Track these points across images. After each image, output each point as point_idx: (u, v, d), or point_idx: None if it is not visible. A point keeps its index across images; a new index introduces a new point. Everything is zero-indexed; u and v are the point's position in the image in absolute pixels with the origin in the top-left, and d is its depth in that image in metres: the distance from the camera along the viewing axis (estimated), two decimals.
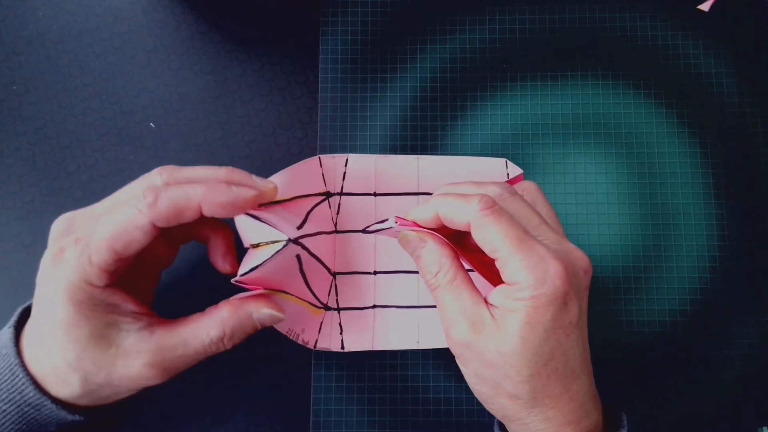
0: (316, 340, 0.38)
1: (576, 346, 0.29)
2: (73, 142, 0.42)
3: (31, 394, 0.31)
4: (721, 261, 0.40)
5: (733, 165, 0.41)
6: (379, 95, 0.42)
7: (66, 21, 0.43)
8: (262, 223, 0.32)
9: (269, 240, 0.32)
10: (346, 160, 0.39)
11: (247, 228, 0.33)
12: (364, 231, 0.35)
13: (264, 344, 0.39)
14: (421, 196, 0.40)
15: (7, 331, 0.32)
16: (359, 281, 0.39)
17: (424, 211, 0.32)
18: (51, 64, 0.43)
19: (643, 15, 0.43)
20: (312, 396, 0.39)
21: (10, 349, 0.31)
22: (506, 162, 0.40)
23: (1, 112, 0.42)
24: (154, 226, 0.30)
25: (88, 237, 0.30)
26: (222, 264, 0.36)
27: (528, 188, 0.34)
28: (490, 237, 0.29)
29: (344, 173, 0.40)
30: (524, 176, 0.40)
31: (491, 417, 0.39)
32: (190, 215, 0.30)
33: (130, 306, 0.31)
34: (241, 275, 0.31)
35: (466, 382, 0.32)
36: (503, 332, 0.29)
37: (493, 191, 0.31)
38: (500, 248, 0.29)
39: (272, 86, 0.43)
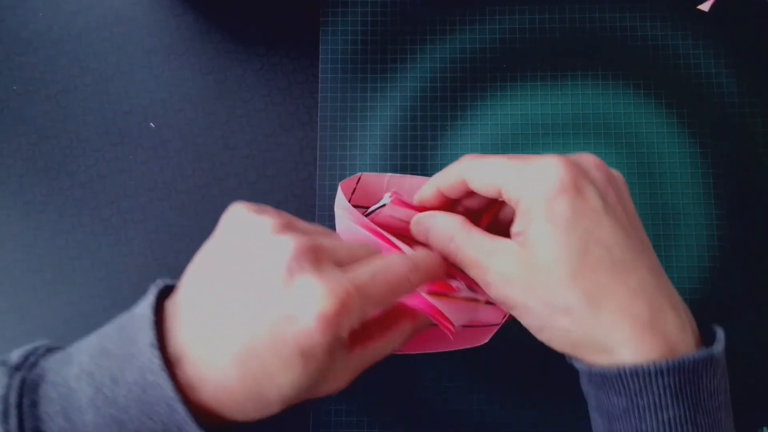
0: None
1: (614, 234, 0.28)
2: (73, 142, 0.42)
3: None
4: (721, 261, 0.40)
5: (733, 165, 0.41)
6: (379, 95, 0.42)
7: (66, 21, 0.43)
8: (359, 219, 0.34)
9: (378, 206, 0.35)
10: (359, 178, 0.38)
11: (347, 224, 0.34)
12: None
13: None
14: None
15: (150, 352, 0.25)
16: None
17: (425, 189, 0.33)
18: (51, 64, 0.43)
19: (643, 15, 0.43)
20: None
21: (163, 379, 0.24)
22: None
23: (1, 112, 0.42)
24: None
25: (364, 289, 0.27)
26: None
27: (619, 179, 0.31)
28: (489, 171, 0.30)
29: (354, 189, 0.39)
30: None
31: (492, 418, 0.39)
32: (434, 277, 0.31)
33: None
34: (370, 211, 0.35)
35: (466, 382, 0.32)
36: (532, 246, 0.28)
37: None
38: (499, 175, 0.29)
39: (272, 86, 0.43)
